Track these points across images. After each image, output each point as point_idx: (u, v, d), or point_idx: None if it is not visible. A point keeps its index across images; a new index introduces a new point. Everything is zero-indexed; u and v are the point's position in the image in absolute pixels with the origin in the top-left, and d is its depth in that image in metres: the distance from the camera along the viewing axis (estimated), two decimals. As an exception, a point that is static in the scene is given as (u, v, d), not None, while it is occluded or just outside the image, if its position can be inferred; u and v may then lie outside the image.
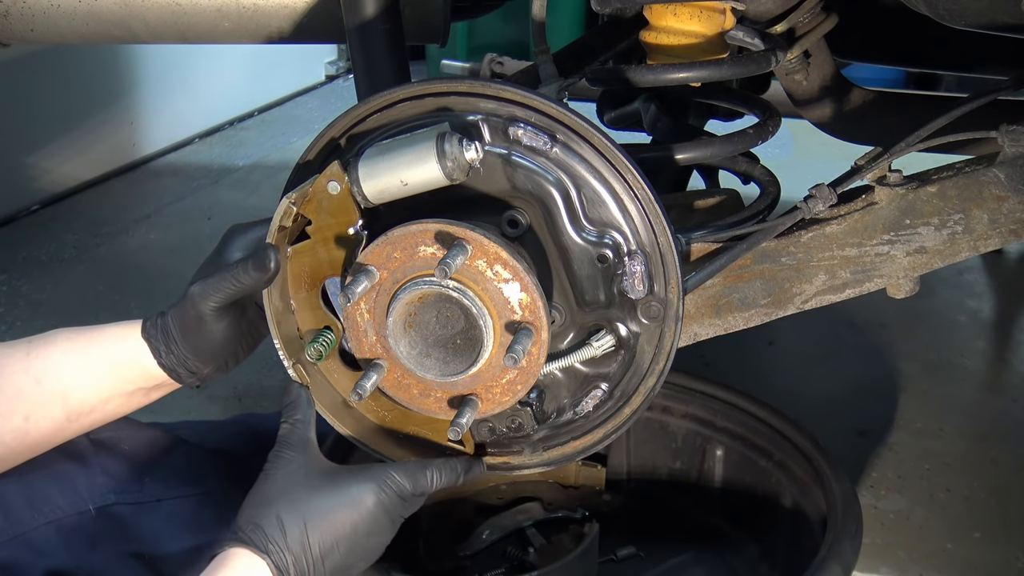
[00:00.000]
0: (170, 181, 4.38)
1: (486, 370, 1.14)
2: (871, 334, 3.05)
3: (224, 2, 1.91)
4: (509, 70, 2.01)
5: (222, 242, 1.26)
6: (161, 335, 1.23)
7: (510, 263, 1.09)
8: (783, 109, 1.69)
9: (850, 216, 1.34)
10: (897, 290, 1.37)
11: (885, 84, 4.20)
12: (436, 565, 1.79)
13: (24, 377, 1.23)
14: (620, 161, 1.13)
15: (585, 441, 1.28)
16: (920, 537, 2.20)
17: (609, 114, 2.03)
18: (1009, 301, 3.38)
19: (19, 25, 1.96)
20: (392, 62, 1.63)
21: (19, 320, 3.12)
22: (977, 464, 2.45)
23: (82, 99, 4.17)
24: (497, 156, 1.13)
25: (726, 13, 1.47)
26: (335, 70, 6.00)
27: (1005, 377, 2.97)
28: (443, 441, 1.26)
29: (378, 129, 1.17)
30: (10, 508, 1.33)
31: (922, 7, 1.32)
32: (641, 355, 1.21)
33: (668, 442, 1.93)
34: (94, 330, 1.26)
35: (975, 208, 1.31)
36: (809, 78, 1.91)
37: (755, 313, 1.39)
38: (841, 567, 1.47)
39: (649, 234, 1.15)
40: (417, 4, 1.83)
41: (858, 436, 2.55)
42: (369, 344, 1.18)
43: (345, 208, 1.15)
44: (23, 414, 1.23)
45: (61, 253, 3.62)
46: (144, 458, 1.47)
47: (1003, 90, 1.49)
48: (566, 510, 1.88)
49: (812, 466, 1.71)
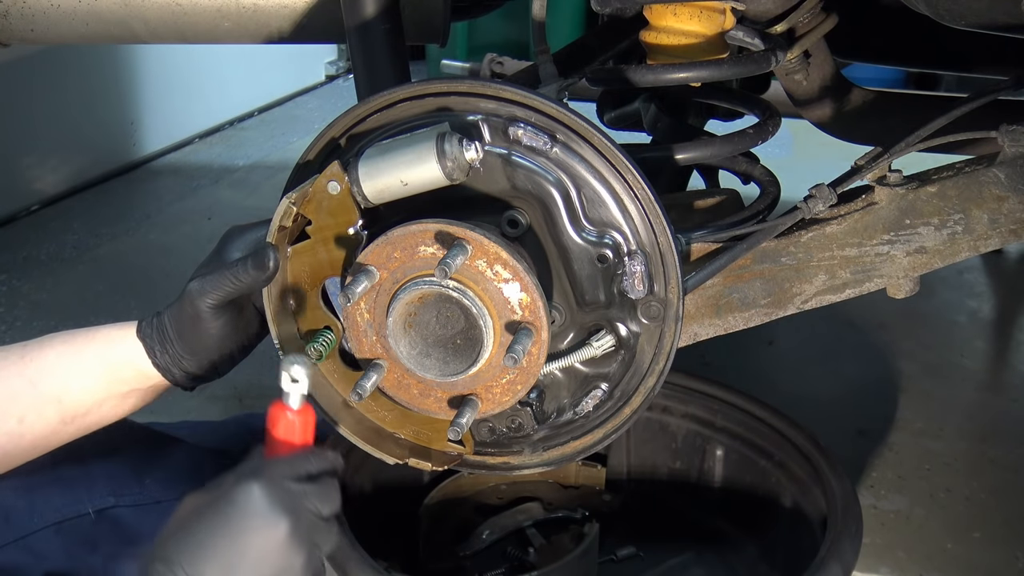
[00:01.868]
0: (170, 181, 4.38)
1: (486, 370, 1.14)
2: (871, 334, 3.05)
3: (224, 2, 1.90)
4: (509, 70, 2.01)
5: (221, 242, 1.26)
6: (156, 334, 1.23)
7: (510, 263, 1.09)
8: (783, 109, 1.69)
9: (850, 216, 1.34)
10: (897, 290, 1.37)
11: (885, 84, 4.20)
12: (436, 565, 1.79)
13: (19, 379, 1.23)
14: (620, 161, 1.13)
15: (585, 441, 1.28)
16: (920, 537, 2.20)
17: (609, 114, 2.03)
18: (1009, 301, 3.38)
19: (19, 25, 1.96)
20: (392, 62, 1.63)
21: (19, 320, 3.12)
22: (977, 464, 2.45)
23: (82, 99, 4.17)
24: (497, 156, 1.13)
25: (726, 13, 1.47)
26: (335, 70, 6.00)
27: (1005, 377, 2.97)
28: (443, 441, 1.26)
29: (378, 129, 1.17)
30: (10, 512, 1.33)
31: (922, 7, 1.32)
32: (641, 355, 1.21)
33: (668, 442, 1.93)
34: (89, 332, 1.26)
35: (975, 208, 1.31)
36: (809, 78, 1.91)
37: (755, 313, 1.39)
38: (841, 567, 1.46)
39: (649, 234, 1.15)
40: (417, 4, 1.82)
41: (858, 436, 2.55)
42: (369, 344, 1.18)
43: (345, 208, 1.15)
44: (18, 416, 1.23)
45: (61, 253, 3.62)
46: (144, 460, 1.47)
47: (1003, 90, 1.49)
48: (566, 510, 1.88)
49: (812, 466, 1.70)
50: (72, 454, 1.35)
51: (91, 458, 1.39)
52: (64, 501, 1.37)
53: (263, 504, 1.03)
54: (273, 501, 1.04)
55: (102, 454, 1.41)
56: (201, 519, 1.04)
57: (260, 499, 1.04)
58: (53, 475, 1.35)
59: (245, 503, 1.03)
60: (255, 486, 1.04)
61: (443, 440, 1.25)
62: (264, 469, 1.07)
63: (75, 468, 1.38)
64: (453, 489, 1.89)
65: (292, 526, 1.04)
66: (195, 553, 1.02)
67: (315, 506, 1.08)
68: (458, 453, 1.28)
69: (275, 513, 1.03)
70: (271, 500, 1.04)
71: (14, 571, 1.31)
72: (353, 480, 1.74)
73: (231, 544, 1.02)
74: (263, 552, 1.03)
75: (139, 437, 1.48)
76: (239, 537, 1.02)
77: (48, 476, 1.35)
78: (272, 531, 1.03)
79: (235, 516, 1.03)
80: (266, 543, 1.03)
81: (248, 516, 1.03)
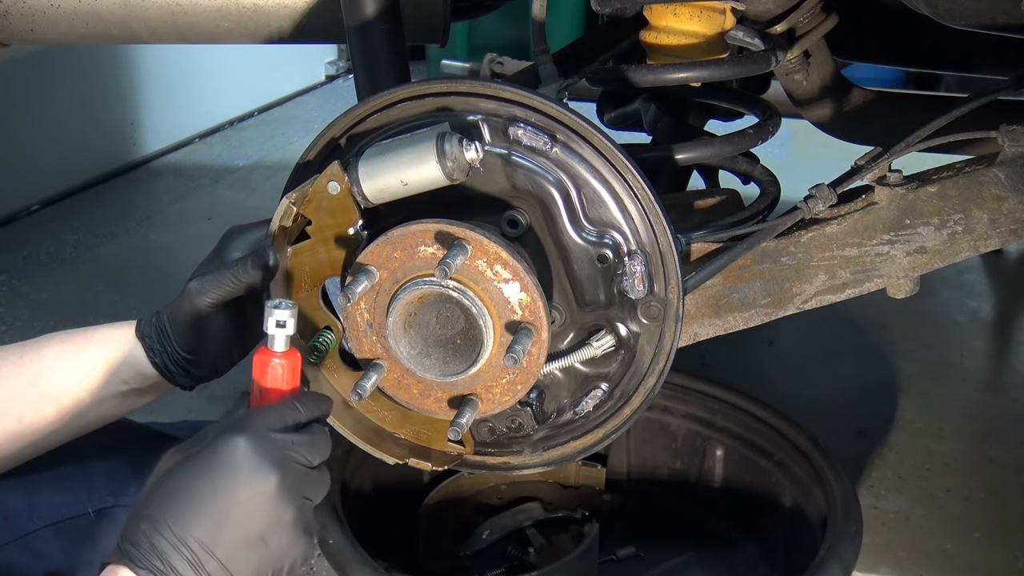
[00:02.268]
0: (170, 181, 4.38)
1: (486, 370, 1.14)
2: (871, 334, 3.05)
3: (224, 2, 1.90)
4: (509, 70, 2.01)
5: (221, 242, 1.26)
6: (155, 333, 1.23)
7: (510, 263, 1.09)
8: (783, 109, 1.69)
9: (850, 216, 1.34)
10: (897, 290, 1.37)
11: (885, 84, 4.20)
12: (436, 565, 1.79)
13: (18, 379, 1.23)
14: (620, 161, 1.13)
15: (585, 441, 1.28)
16: (920, 537, 2.20)
17: (609, 114, 2.03)
18: (1009, 301, 3.38)
19: (19, 25, 1.96)
20: (392, 62, 1.63)
21: (19, 320, 3.12)
22: (977, 464, 2.45)
23: (82, 99, 4.17)
24: (497, 156, 1.13)
25: (726, 13, 1.47)
26: (335, 70, 6.00)
27: (1005, 377, 2.97)
28: (443, 441, 1.26)
29: (378, 129, 1.17)
30: (9, 512, 1.33)
31: (922, 7, 1.32)
32: (641, 355, 1.21)
33: (668, 442, 1.93)
34: (88, 331, 1.26)
35: (975, 208, 1.31)
36: (809, 78, 1.91)
37: (755, 313, 1.39)
38: (841, 567, 1.47)
39: (649, 234, 1.15)
40: (417, 4, 1.82)
41: (858, 436, 2.55)
42: (369, 344, 1.18)
43: (345, 208, 1.15)
44: (16, 416, 1.22)
45: (61, 253, 3.62)
46: (144, 460, 1.46)
47: (1003, 90, 1.49)
48: (566, 510, 1.88)
49: (812, 466, 1.71)
50: (72, 454, 1.34)
51: (91, 458, 1.39)
52: (64, 501, 1.37)
53: (249, 457, 1.00)
54: (259, 454, 1.00)
55: (102, 454, 1.40)
56: (185, 475, 1.01)
57: (245, 452, 1.00)
58: (53, 475, 1.35)
59: (230, 457, 1.00)
60: (240, 439, 1.01)
61: (443, 440, 1.25)
62: (248, 420, 1.03)
63: (75, 468, 1.37)
64: (453, 489, 1.90)
65: (280, 479, 1.00)
66: (181, 511, 0.98)
67: (303, 456, 1.04)
68: (458, 453, 1.28)
69: (262, 466, 1.00)
70: (257, 453, 1.00)
71: (13, 571, 1.30)
72: (353, 480, 1.74)
73: (218, 500, 0.99)
74: (251, 507, 0.99)
75: (139, 437, 1.48)
76: (226, 493, 0.99)
77: (48, 476, 1.35)
78: (260, 485, 1.00)
79: (220, 471, 1.00)
80: (254, 498, 1.00)
81: (234, 470, 1.00)
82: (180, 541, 0.97)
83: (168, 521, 0.98)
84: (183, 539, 0.97)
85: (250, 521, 1.00)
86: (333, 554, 1.51)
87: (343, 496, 1.65)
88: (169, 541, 0.97)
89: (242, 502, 1.00)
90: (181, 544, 0.97)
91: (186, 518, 0.98)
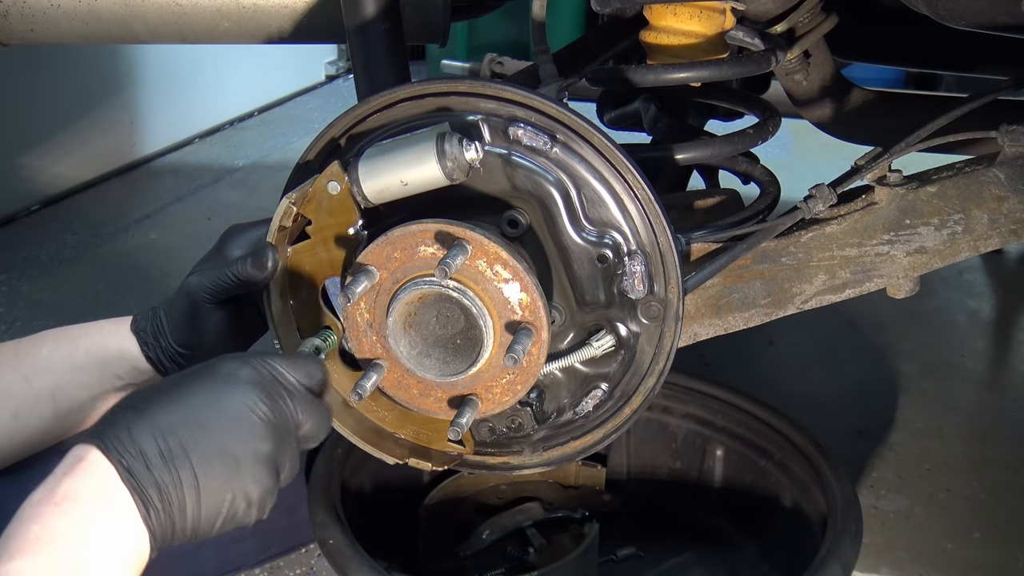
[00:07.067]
0: (170, 181, 4.38)
1: (486, 370, 1.14)
2: (871, 334, 3.05)
3: (224, 2, 1.90)
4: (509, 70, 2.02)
5: (221, 240, 1.26)
6: (151, 327, 1.23)
7: (510, 263, 1.09)
8: (783, 109, 1.69)
9: (850, 216, 1.34)
10: (897, 290, 1.37)
11: (885, 84, 4.20)
12: (436, 565, 1.79)
13: (13, 375, 1.23)
14: (620, 161, 1.13)
15: (585, 441, 1.28)
16: (920, 537, 2.20)
17: (609, 114, 2.03)
18: (1009, 301, 3.39)
19: (19, 25, 1.96)
20: (392, 62, 1.63)
21: (19, 320, 3.12)
22: (977, 464, 2.45)
23: (82, 99, 4.17)
24: (497, 156, 1.13)
25: (726, 13, 1.47)
26: (335, 70, 6.01)
27: (1005, 377, 2.97)
28: (443, 441, 1.26)
29: (378, 129, 1.17)
30: (6, 510, 1.33)
31: (922, 7, 1.32)
32: (641, 355, 1.21)
33: (668, 442, 1.93)
34: (83, 327, 1.26)
35: (975, 208, 1.31)
36: (809, 78, 1.91)
37: (755, 313, 1.39)
38: (841, 567, 1.47)
39: (649, 234, 1.15)
40: (417, 4, 1.82)
41: (858, 436, 2.55)
42: (369, 344, 1.18)
43: (345, 208, 1.15)
44: (12, 412, 1.22)
45: (61, 253, 3.62)
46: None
47: (1003, 90, 1.49)
48: (566, 510, 1.88)
49: (812, 466, 1.71)
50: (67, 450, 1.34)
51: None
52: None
53: (247, 380, 1.01)
54: (256, 381, 1.02)
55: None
56: (181, 381, 1.01)
57: (245, 375, 1.01)
58: (48, 471, 1.35)
59: (229, 374, 1.01)
60: (238, 360, 1.03)
61: (443, 440, 1.25)
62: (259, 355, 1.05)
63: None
64: (453, 489, 1.90)
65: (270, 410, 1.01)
66: (168, 405, 0.98)
67: (300, 403, 1.05)
68: (458, 453, 1.28)
69: (256, 391, 1.01)
70: (255, 379, 1.02)
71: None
72: (353, 480, 1.74)
73: (206, 408, 0.99)
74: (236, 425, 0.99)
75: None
76: (215, 403, 0.99)
77: (44, 473, 1.35)
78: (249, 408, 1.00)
79: (217, 383, 1.01)
80: (242, 418, 1.00)
81: (230, 386, 1.00)
82: (159, 432, 0.96)
83: (151, 412, 0.97)
84: (162, 432, 0.96)
85: (230, 437, 0.99)
86: (333, 554, 1.51)
87: (343, 496, 1.64)
88: (148, 429, 0.96)
89: (229, 417, 0.99)
90: (159, 435, 0.95)
91: (171, 413, 0.97)
